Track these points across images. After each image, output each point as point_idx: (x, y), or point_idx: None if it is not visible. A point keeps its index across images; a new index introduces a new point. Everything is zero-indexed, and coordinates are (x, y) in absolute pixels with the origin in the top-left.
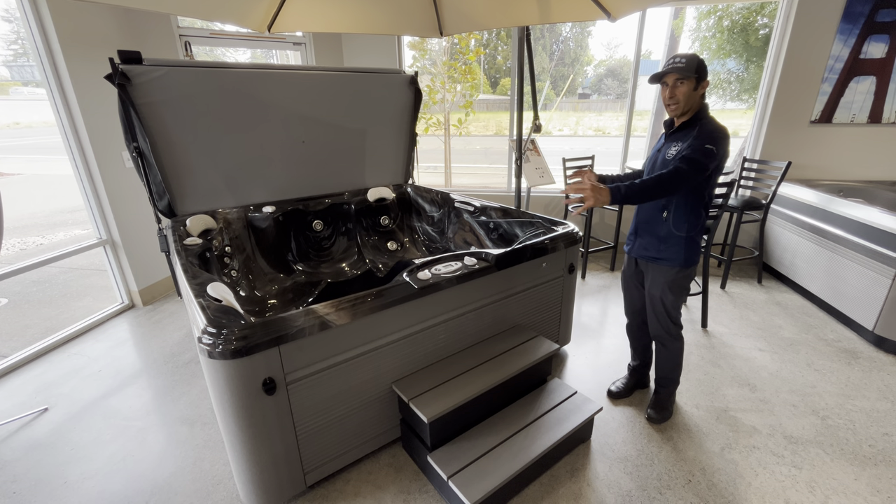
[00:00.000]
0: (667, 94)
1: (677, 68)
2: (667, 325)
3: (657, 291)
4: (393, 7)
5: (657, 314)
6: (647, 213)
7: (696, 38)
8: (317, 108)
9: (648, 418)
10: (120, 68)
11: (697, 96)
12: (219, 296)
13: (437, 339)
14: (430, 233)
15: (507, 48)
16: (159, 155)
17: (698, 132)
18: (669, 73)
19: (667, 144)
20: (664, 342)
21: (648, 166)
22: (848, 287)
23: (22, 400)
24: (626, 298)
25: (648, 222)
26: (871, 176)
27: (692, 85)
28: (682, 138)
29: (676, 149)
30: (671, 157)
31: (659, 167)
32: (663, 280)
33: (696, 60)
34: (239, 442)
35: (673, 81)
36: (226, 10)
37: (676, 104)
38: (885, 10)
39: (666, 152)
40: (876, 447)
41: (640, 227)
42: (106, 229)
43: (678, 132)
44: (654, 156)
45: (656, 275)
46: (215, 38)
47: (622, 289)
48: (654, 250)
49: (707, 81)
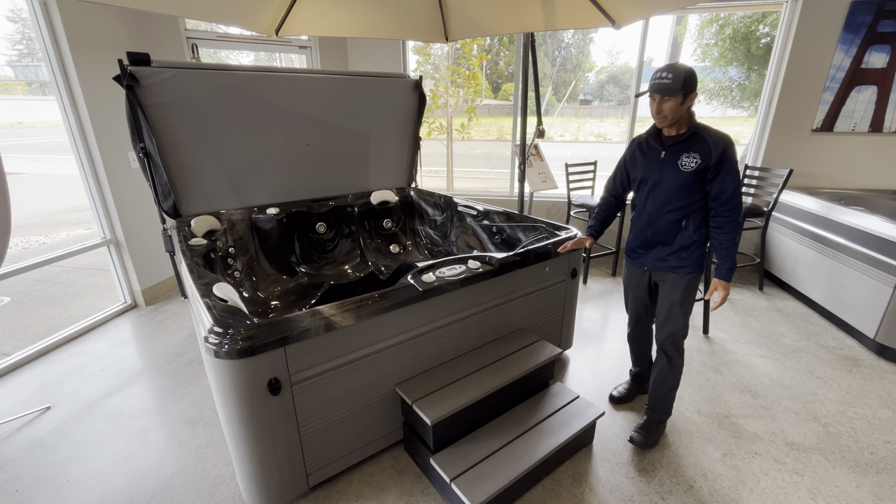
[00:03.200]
0: (654, 108)
1: (662, 87)
2: (680, 332)
3: (678, 297)
4: (400, 12)
5: (674, 320)
6: (664, 223)
7: (698, 45)
8: (322, 111)
9: (631, 440)
10: (128, 70)
11: (685, 109)
12: (224, 296)
13: (440, 341)
14: (433, 236)
15: (509, 54)
16: (165, 156)
17: (716, 147)
18: (655, 92)
19: (673, 154)
20: (670, 354)
21: (653, 176)
22: (849, 295)
23: (24, 398)
24: (631, 309)
25: (667, 233)
26: (872, 185)
27: (679, 100)
28: (693, 149)
29: (695, 161)
30: (691, 170)
31: (671, 175)
32: (683, 285)
33: (683, 75)
34: (242, 442)
35: (659, 98)
36: (235, 13)
37: (663, 118)
38: (887, 20)
39: (679, 163)
40: (878, 455)
41: (656, 239)
42: (110, 229)
43: (684, 142)
44: (654, 166)
45: (677, 282)
46: (222, 40)
47: (627, 299)
48: (675, 260)
49: (695, 94)
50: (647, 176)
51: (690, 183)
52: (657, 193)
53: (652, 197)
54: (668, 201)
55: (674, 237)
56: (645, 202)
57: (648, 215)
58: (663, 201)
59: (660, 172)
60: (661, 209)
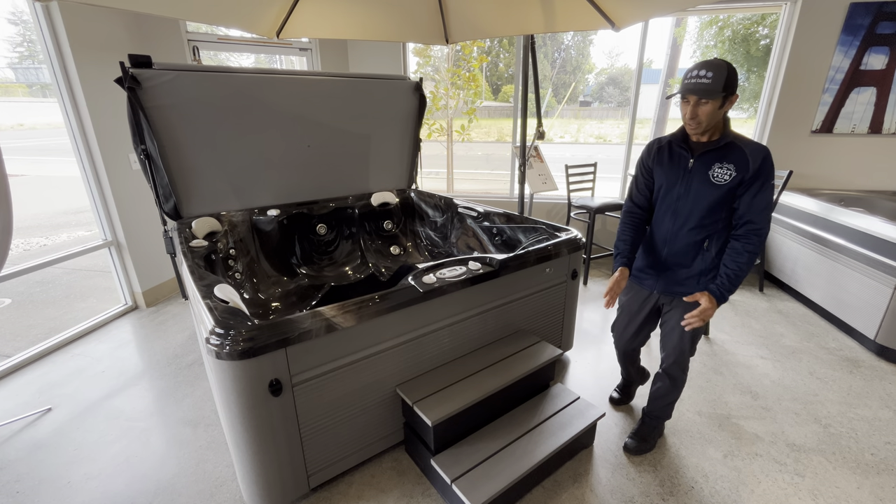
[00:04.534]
0: (688, 112)
1: (700, 88)
2: (685, 360)
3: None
4: (400, 14)
5: (681, 350)
6: (683, 243)
7: (697, 47)
8: (322, 112)
9: (625, 448)
10: (130, 72)
11: (722, 114)
12: (226, 297)
13: (441, 342)
14: (434, 237)
15: (508, 56)
16: (167, 157)
17: (754, 158)
18: (690, 94)
19: (704, 164)
20: (675, 376)
21: (679, 188)
22: (849, 296)
23: (25, 400)
24: (626, 331)
25: (685, 254)
26: (871, 186)
27: (718, 104)
28: (727, 159)
29: (730, 174)
30: (725, 183)
31: (701, 189)
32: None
33: (725, 74)
34: (243, 443)
35: (696, 101)
36: (235, 15)
37: (698, 124)
38: (886, 22)
39: (711, 175)
40: (878, 456)
41: (672, 260)
42: (111, 231)
43: (717, 151)
44: (682, 177)
45: (690, 309)
46: (223, 42)
47: (622, 320)
48: (692, 285)
49: (736, 96)
50: (669, 186)
51: (721, 199)
52: (680, 207)
53: (673, 211)
54: (691, 217)
55: (693, 259)
56: (663, 217)
57: (666, 232)
58: (686, 217)
59: (686, 184)
60: (682, 226)
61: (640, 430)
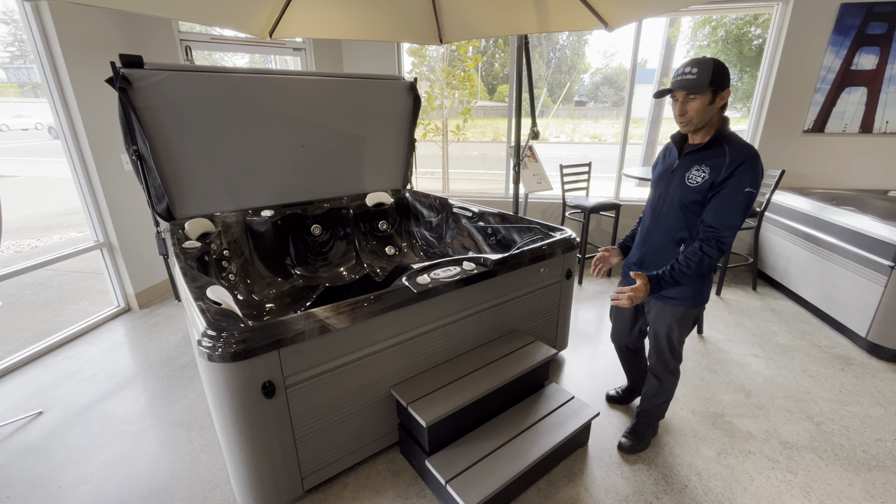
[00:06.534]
0: (677, 109)
1: (686, 83)
2: (668, 360)
3: (663, 328)
4: (394, 14)
5: (660, 350)
6: (659, 241)
7: (691, 47)
8: (316, 113)
9: (620, 446)
10: (121, 72)
11: (715, 110)
12: (218, 299)
13: (435, 343)
14: (429, 238)
15: (504, 55)
16: (159, 158)
17: (732, 161)
18: (678, 90)
19: (685, 165)
20: (661, 377)
21: (661, 187)
22: (841, 294)
23: (16, 403)
24: (616, 327)
25: (661, 254)
26: (862, 185)
27: (707, 99)
28: (706, 161)
29: (703, 176)
30: (697, 185)
31: (676, 190)
32: (671, 317)
33: (711, 69)
34: (237, 445)
35: (683, 97)
36: (228, 15)
37: (688, 121)
38: (876, 22)
39: (687, 176)
40: (870, 452)
41: (648, 260)
42: (103, 232)
43: (700, 152)
44: (665, 176)
45: (663, 312)
46: (216, 42)
47: (613, 312)
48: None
49: (728, 91)
50: (655, 185)
51: (693, 201)
52: (659, 206)
53: (653, 210)
54: (667, 217)
55: (668, 260)
56: (646, 215)
57: (646, 230)
58: (663, 216)
59: (667, 183)
60: (659, 224)
61: (634, 429)
